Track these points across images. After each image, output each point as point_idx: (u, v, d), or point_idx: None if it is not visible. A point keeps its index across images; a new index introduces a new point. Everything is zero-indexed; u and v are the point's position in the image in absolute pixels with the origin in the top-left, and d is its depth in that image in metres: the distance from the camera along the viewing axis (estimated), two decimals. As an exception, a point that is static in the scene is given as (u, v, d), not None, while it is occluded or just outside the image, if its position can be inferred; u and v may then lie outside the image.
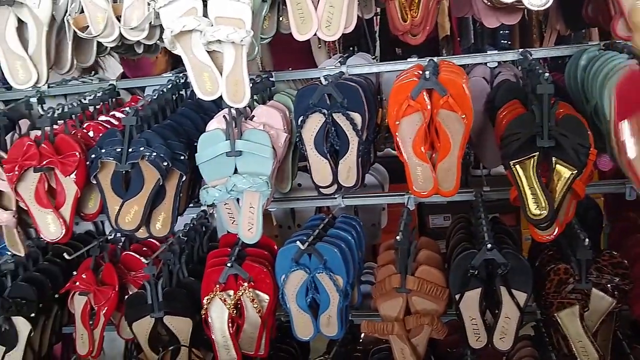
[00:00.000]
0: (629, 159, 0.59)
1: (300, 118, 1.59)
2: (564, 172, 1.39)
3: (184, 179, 1.60)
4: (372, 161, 1.86)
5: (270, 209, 2.14)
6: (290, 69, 2.00)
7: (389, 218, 2.33)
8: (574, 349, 1.59)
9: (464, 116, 1.45)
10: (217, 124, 1.59)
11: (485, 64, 1.80)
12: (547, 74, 1.40)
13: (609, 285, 1.56)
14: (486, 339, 1.59)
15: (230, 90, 1.46)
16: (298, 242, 1.63)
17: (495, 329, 1.58)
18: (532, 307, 1.79)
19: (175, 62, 2.60)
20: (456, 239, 1.76)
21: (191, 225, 1.95)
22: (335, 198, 1.87)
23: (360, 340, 2.09)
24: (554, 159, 1.40)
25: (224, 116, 1.56)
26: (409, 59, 1.77)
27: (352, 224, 1.81)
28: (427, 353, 1.85)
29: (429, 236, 2.50)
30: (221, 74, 1.45)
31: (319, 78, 1.66)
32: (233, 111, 1.56)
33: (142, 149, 1.53)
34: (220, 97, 1.47)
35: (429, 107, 1.47)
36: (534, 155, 1.40)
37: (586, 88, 1.56)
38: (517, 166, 1.41)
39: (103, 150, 1.56)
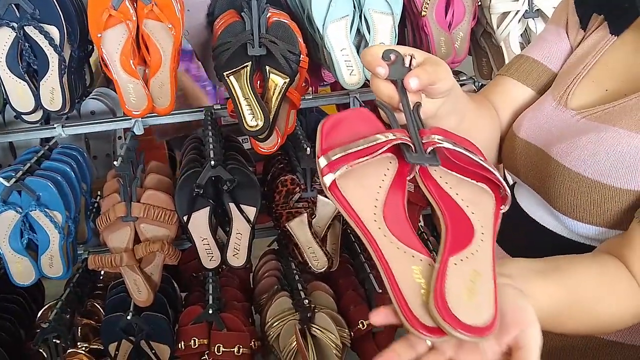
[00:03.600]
0: (325, 185, 0.64)
1: (-15, 34, 1.37)
2: (277, 80, 1.37)
3: None
4: (87, 83, 1.68)
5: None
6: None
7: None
8: (305, 256, 1.63)
9: (170, 26, 1.35)
10: None
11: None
12: (256, -22, 1.35)
13: (331, 191, 1.60)
14: (220, 257, 1.57)
15: None
16: (1, 179, 1.44)
17: (227, 247, 1.55)
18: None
19: None
20: (186, 159, 1.69)
21: None
22: (55, 127, 1.69)
23: (101, 277, 1.96)
24: (267, 67, 1.37)
25: None
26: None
27: (71, 154, 1.64)
28: (168, 280, 1.80)
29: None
30: None
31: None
32: None
33: None
34: None
35: (134, 17, 1.35)
36: (247, 65, 1.36)
37: (300, -4, 1.55)
38: (231, 77, 1.36)
39: None
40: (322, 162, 0.65)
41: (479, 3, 1.54)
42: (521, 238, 0.92)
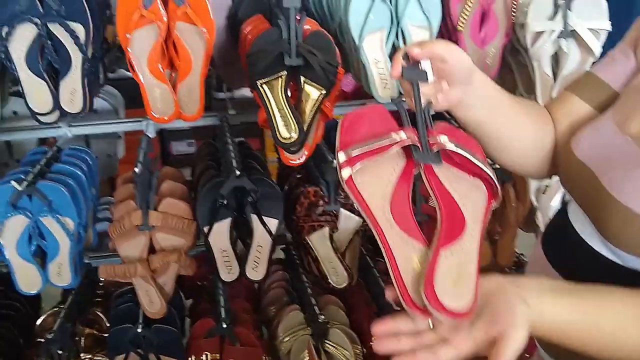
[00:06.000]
0: (342, 178, 0.73)
1: (5, 29, 1.29)
2: (313, 92, 1.32)
3: None
4: (101, 83, 1.61)
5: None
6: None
7: (127, 147, 2.11)
8: (324, 270, 1.59)
9: (204, 30, 1.29)
10: None
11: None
12: (292, -15, 1.30)
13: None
14: (238, 270, 1.51)
15: None
16: (13, 182, 1.36)
17: (247, 260, 1.50)
18: (282, 230, 1.75)
19: None
20: (202, 166, 1.63)
21: None
22: (60, 127, 1.61)
23: (101, 284, 1.88)
24: (302, 78, 1.32)
25: None
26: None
27: (81, 156, 1.57)
28: (175, 289, 1.73)
29: (173, 164, 2.34)
30: None
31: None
32: None
33: None
34: None
35: (165, 18, 1.28)
36: (282, 75, 1.30)
37: (330, 3, 1.50)
38: (265, 86, 1.31)
39: None
40: (341, 157, 0.73)
41: (513, 20, 1.51)
42: (574, 262, 0.90)
